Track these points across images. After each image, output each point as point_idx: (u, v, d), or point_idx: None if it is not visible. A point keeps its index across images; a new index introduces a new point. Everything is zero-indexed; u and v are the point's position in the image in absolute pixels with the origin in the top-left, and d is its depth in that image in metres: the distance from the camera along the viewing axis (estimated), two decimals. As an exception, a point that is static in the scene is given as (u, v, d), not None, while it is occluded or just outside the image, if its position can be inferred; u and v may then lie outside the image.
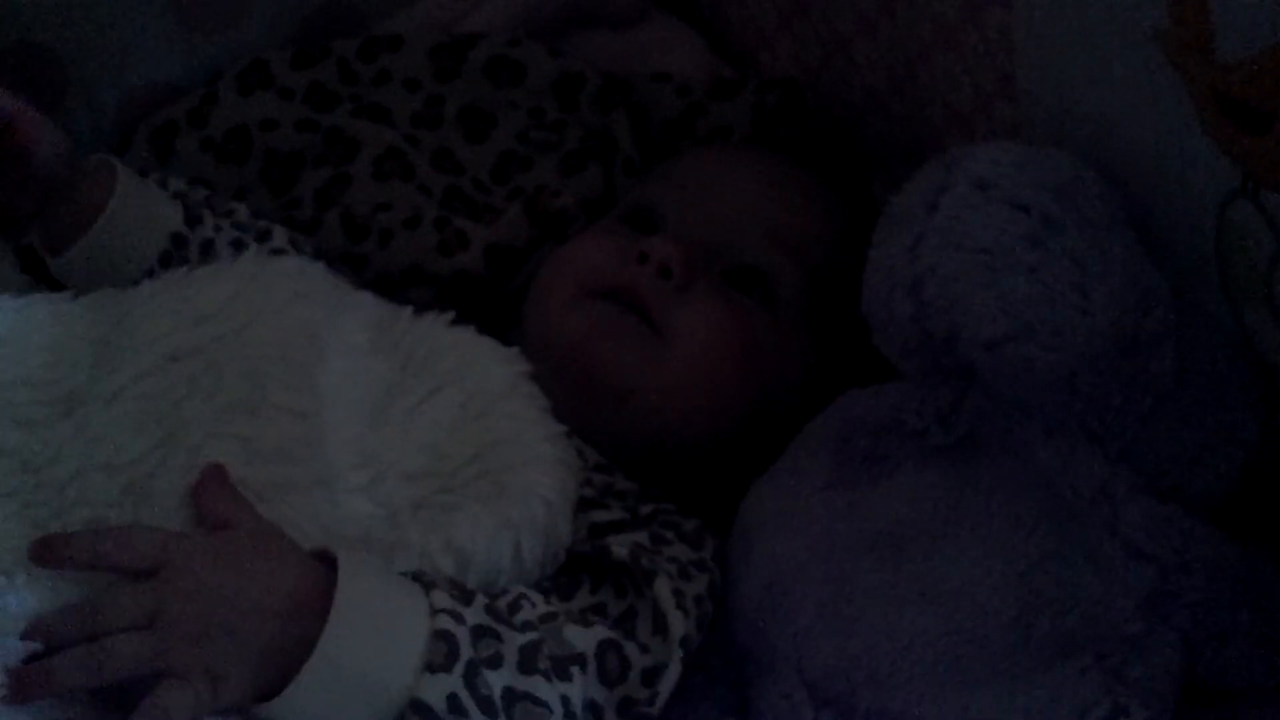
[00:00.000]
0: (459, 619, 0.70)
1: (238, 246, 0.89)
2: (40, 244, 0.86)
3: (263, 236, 0.93)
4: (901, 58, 0.92)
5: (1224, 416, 0.78)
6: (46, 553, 0.69)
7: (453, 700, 0.69)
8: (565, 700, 0.71)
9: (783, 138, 1.02)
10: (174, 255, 0.87)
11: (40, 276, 0.87)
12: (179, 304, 0.78)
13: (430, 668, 0.68)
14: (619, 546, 0.78)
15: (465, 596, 0.72)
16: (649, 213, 0.91)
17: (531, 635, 0.72)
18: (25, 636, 0.67)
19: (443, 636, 0.69)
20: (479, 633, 0.70)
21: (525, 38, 1.06)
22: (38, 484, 0.72)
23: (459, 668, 0.69)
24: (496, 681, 0.70)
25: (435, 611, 0.70)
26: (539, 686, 0.71)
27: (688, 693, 0.79)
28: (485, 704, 0.69)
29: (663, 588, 0.76)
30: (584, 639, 0.74)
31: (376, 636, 0.68)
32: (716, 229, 0.89)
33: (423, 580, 0.72)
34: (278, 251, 0.92)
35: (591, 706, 0.73)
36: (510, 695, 0.70)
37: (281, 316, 0.78)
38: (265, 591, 0.69)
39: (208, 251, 0.88)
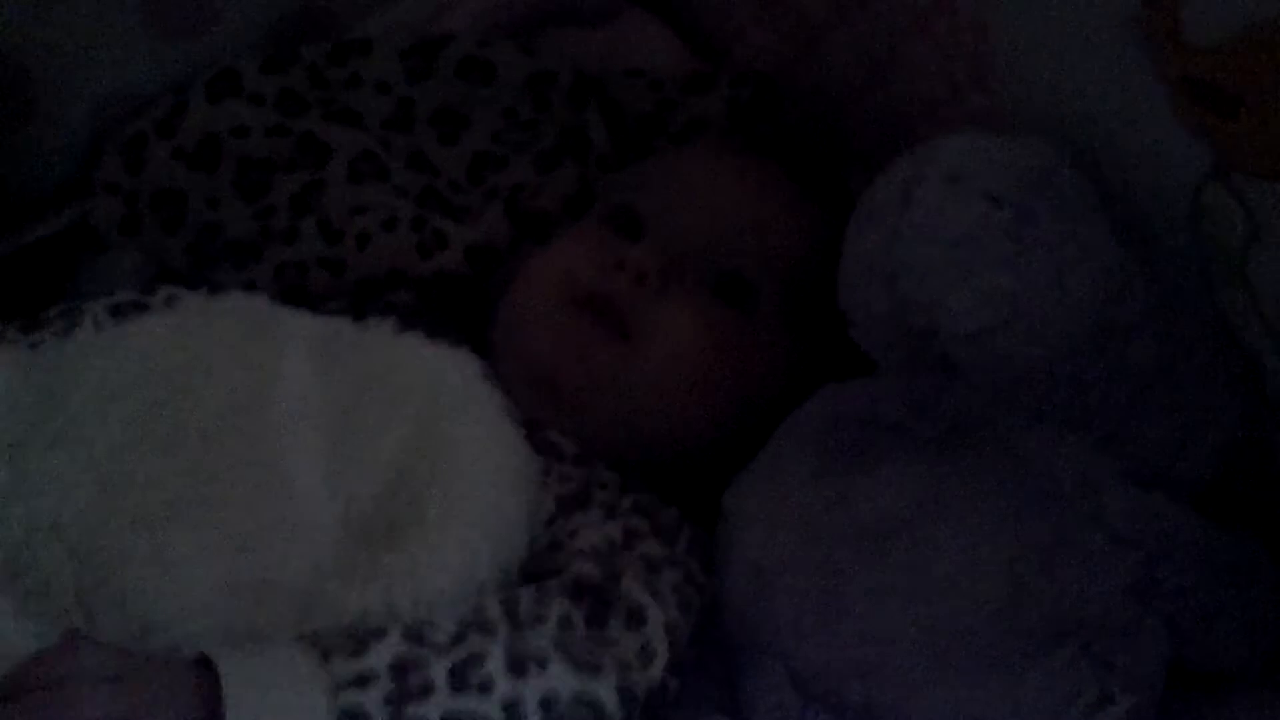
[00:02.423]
0: (365, 681, 0.68)
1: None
2: None
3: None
4: (874, 48, 0.92)
5: (1205, 401, 0.78)
6: None
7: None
8: (510, 706, 0.70)
9: (758, 132, 1.01)
10: None
11: None
12: (117, 341, 0.77)
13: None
14: (583, 560, 0.77)
15: (377, 633, 0.70)
16: (631, 215, 0.90)
17: (462, 652, 0.70)
18: None
19: (351, 713, 0.67)
20: (399, 670, 0.69)
21: (496, 37, 1.06)
22: None
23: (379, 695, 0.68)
24: (432, 713, 0.68)
25: (338, 690, 0.68)
26: (473, 702, 0.69)
27: (681, 691, 0.79)
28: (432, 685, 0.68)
29: (632, 582, 0.76)
30: (544, 638, 0.73)
31: None
32: (698, 236, 0.88)
33: (321, 646, 0.69)
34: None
35: (560, 699, 0.71)
36: (462, 666, 0.69)
37: (226, 357, 0.76)
38: None
39: None
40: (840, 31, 0.95)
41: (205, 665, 0.68)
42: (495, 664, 0.70)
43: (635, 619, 0.75)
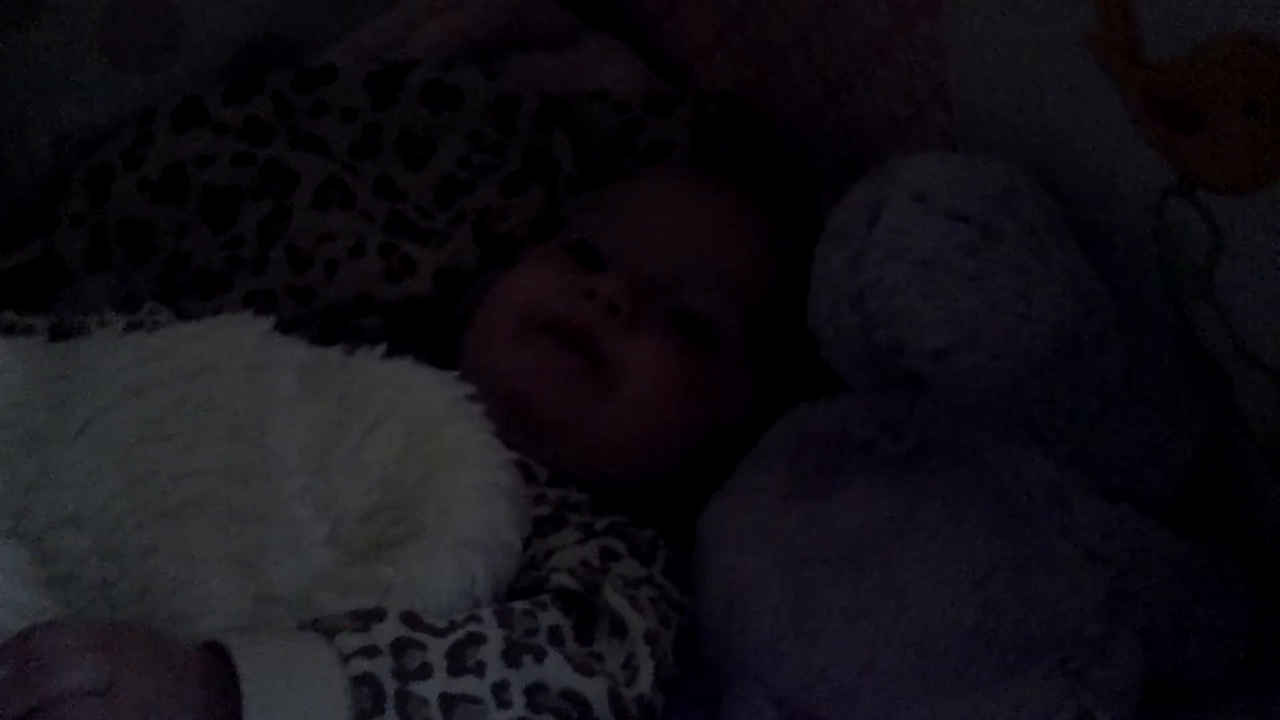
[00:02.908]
0: (372, 652, 0.68)
1: None
2: None
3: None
4: (836, 69, 0.92)
5: (1171, 414, 0.78)
6: None
7: (400, 698, 0.68)
8: (497, 688, 0.70)
9: (723, 153, 1.01)
10: None
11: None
12: (139, 342, 0.77)
13: (362, 716, 0.67)
14: (561, 574, 0.77)
15: (376, 614, 0.70)
16: (592, 248, 0.90)
17: (460, 634, 0.71)
18: None
19: (363, 680, 0.67)
20: (399, 647, 0.69)
21: (460, 62, 1.06)
22: (16, 535, 0.71)
23: (389, 703, 0.68)
24: (431, 693, 0.68)
25: (346, 659, 0.68)
26: (471, 684, 0.69)
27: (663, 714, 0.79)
28: (419, 702, 0.68)
29: (612, 594, 0.76)
30: (539, 640, 0.73)
31: (297, 713, 0.66)
32: (661, 270, 0.89)
33: (323, 628, 0.69)
34: None
35: (550, 690, 0.71)
36: (448, 701, 0.69)
37: (237, 367, 0.76)
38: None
39: None
40: (801, 52, 0.95)
41: (209, 646, 0.68)
42: (490, 652, 0.70)
43: (618, 630, 0.75)
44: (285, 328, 0.90)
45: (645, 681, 0.75)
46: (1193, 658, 0.79)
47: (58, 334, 0.84)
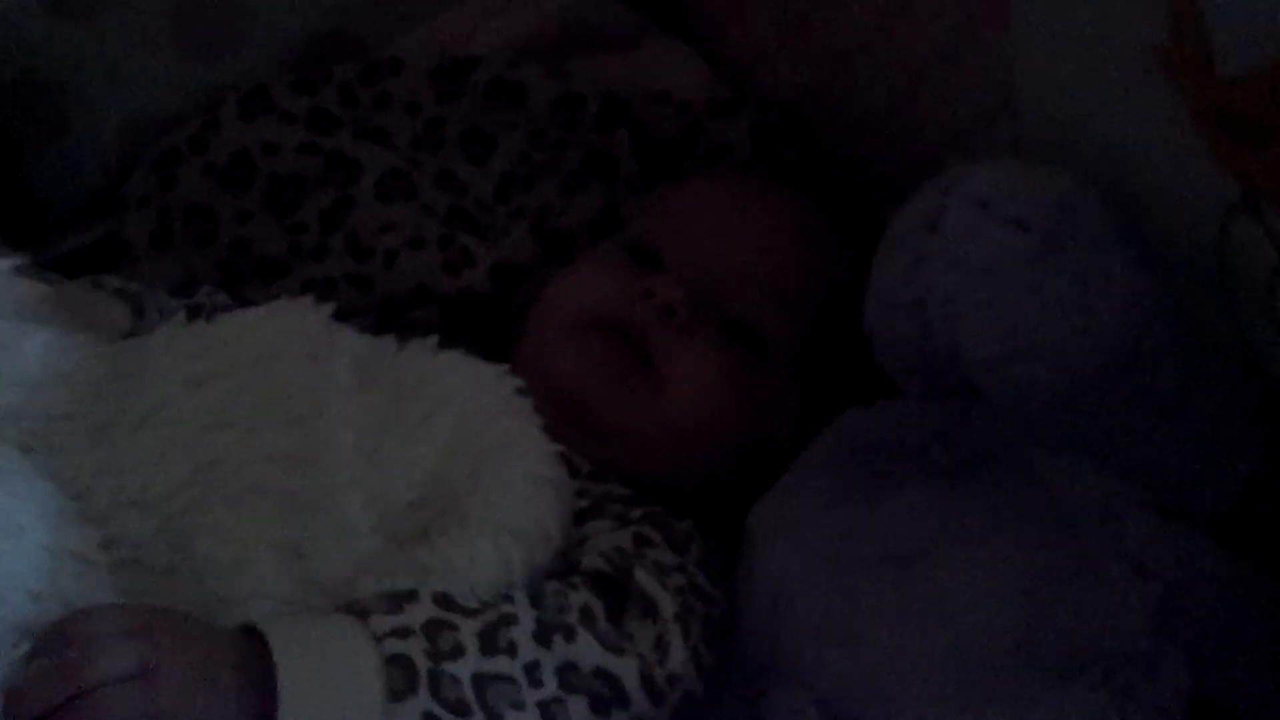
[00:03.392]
0: (405, 633, 0.69)
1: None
2: None
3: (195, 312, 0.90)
4: (900, 76, 0.92)
5: (1228, 432, 0.78)
6: None
7: (428, 717, 0.68)
8: (530, 668, 0.71)
9: (785, 159, 1.02)
10: None
11: None
12: (200, 333, 0.79)
13: (395, 696, 0.68)
14: (593, 556, 0.78)
15: (409, 596, 0.71)
16: (651, 249, 0.91)
17: (491, 616, 0.71)
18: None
19: (395, 661, 0.68)
20: (432, 628, 0.70)
21: (525, 60, 1.06)
22: (83, 518, 0.72)
23: (422, 683, 0.68)
24: (464, 673, 0.69)
25: (379, 639, 0.69)
26: (503, 664, 0.70)
27: (701, 707, 0.79)
28: (459, 706, 0.69)
29: (643, 575, 0.77)
30: (571, 618, 0.74)
31: (331, 694, 0.67)
32: (717, 277, 0.89)
33: (356, 609, 0.70)
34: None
35: (581, 669, 0.72)
36: (479, 680, 0.69)
37: (296, 355, 0.77)
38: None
39: None
40: (866, 59, 0.96)
41: (245, 630, 0.69)
42: (522, 631, 0.71)
43: (649, 612, 0.76)
44: (342, 316, 0.91)
45: (677, 659, 0.75)
46: (1239, 679, 0.78)
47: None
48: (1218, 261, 0.75)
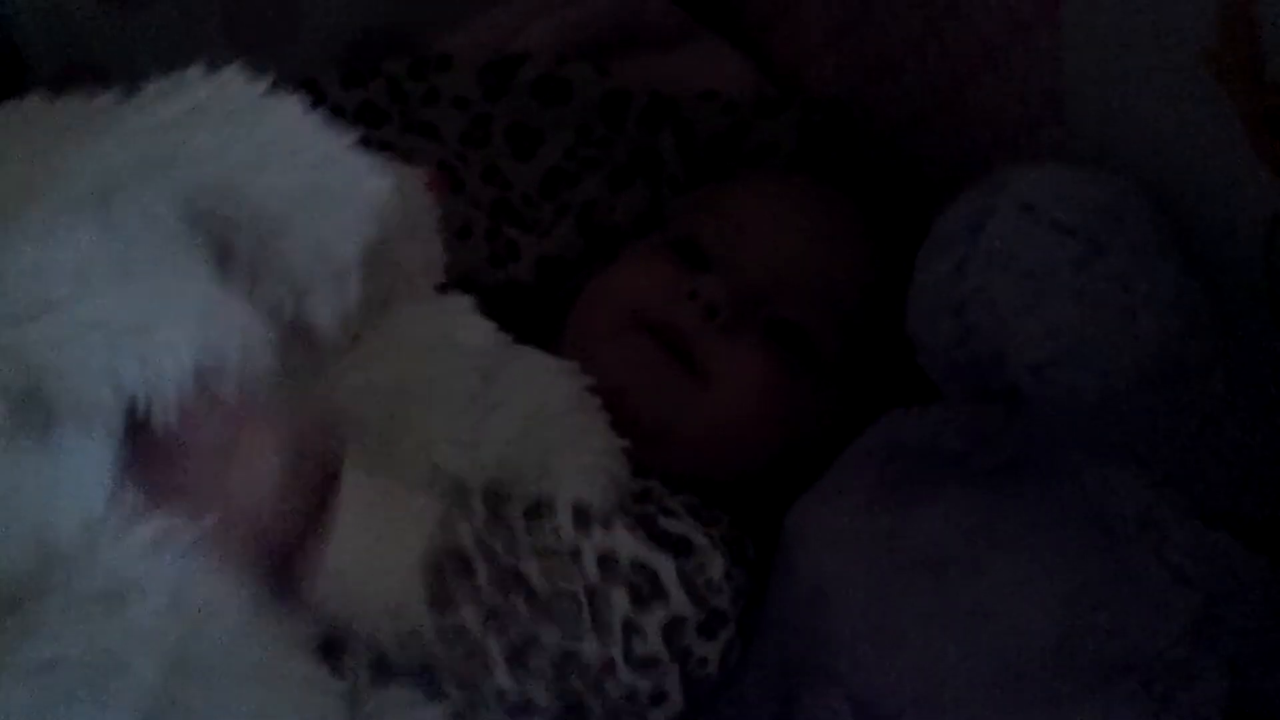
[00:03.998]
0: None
1: None
2: None
3: None
4: (948, 79, 0.92)
5: (1272, 440, 0.77)
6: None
7: (479, 542, 0.73)
8: (573, 555, 0.74)
9: (830, 159, 1.02)
10: None
11: None
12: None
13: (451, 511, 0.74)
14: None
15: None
16: (695, 248, 0.90)
17: (532, 499, 0.76)
18: None
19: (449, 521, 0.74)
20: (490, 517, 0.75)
21: (572, 57, 1.07)
22: None
23: (481, 511, 0.74)
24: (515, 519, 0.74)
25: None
26: (550, 539, 0.74)
27: (737, 703, 0.80)
28: (511, 538, 0.73)
29: (669, 522, 0.79)
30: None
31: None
32: (764, 277, 0.88)
33: None
34: None
35: (619, 559, 0.75)
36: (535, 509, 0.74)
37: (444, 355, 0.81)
38: None
39: None
40: (914, 59, 0.95)
41: None
42: (562, 519, 0.75)
43: (681, 546, 0.77)
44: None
45: (716, 570, 0.77)
46: (1278, 687, 0.78)
47: None
48: (1265, 267, 0.74)
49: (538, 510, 0.75)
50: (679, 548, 0.77)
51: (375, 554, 0.72)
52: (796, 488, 0.84)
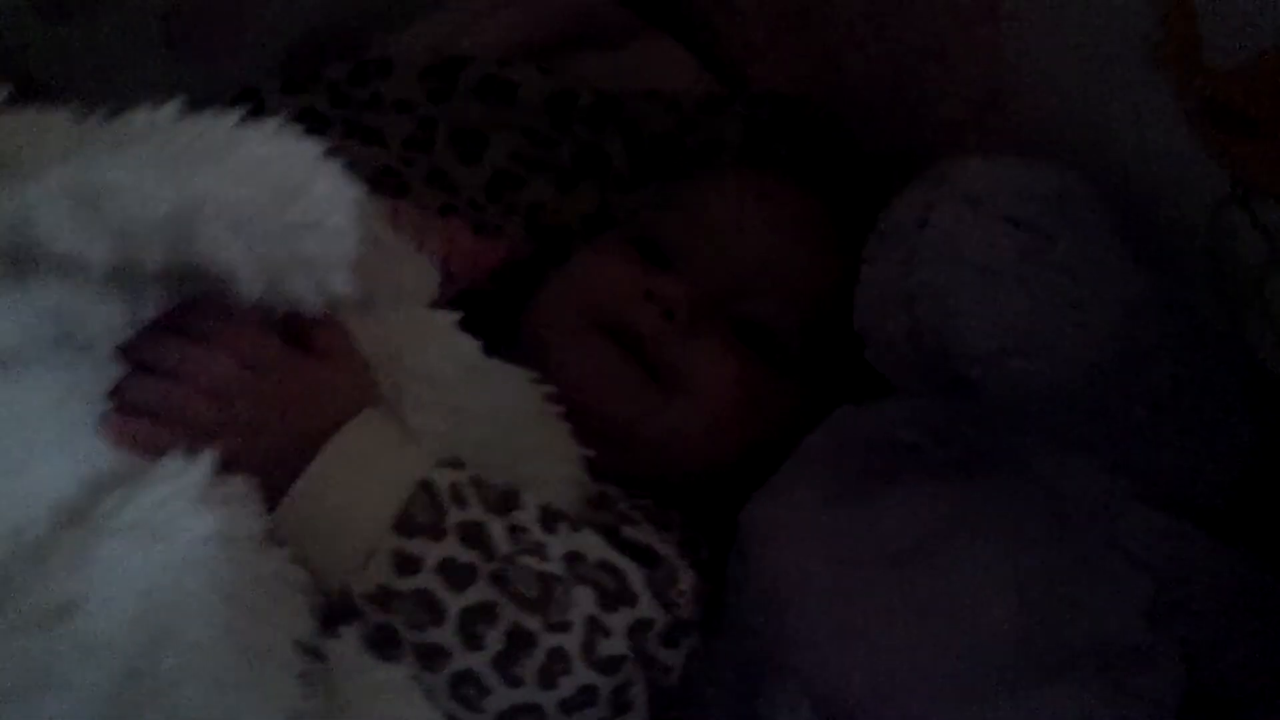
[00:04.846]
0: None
1: None
2: None
3: None
4: (892, 72, 0.92)
5: (1221, 425, 0.78)
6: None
7: (455, 489, 0.72)
8: (536, 547, 0.74)
9: (776, 153, 1.01)
10: None
11: None
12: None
13: (441, 464, 0.74)
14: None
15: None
16: (657, 244, 0.90)
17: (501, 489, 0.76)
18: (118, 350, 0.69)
19: (428, 487, 0.73)
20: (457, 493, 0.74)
21: (515, 58, 1.06)
22: None
23: (465, 475, 0.73)
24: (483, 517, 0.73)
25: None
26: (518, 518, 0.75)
27: (696, 703, 0.79)
28: (487, 501, 0.73)
29: (631, 531, 0.78)
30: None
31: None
32: (726, 276, 0.88)
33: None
34: None
35: (587, 560, 0.75)
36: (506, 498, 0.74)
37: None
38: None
39: None
40: (857, 55, 0.96)
41: None
42: (528, 518, 0.74)
43: (645, 556, 0.77)
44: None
45: (686, 580, 0.77)
46: (1234, 672, 0.78)
47: None
48: (1209, 254, 0.74)
49: (508, 502, 0.75)
50: (645, 558, 0.77)
51: (353, 487, 0.72)
52: (752, 485, 0.84)
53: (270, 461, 0.72)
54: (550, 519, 0.74)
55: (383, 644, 0.71)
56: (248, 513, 0.70)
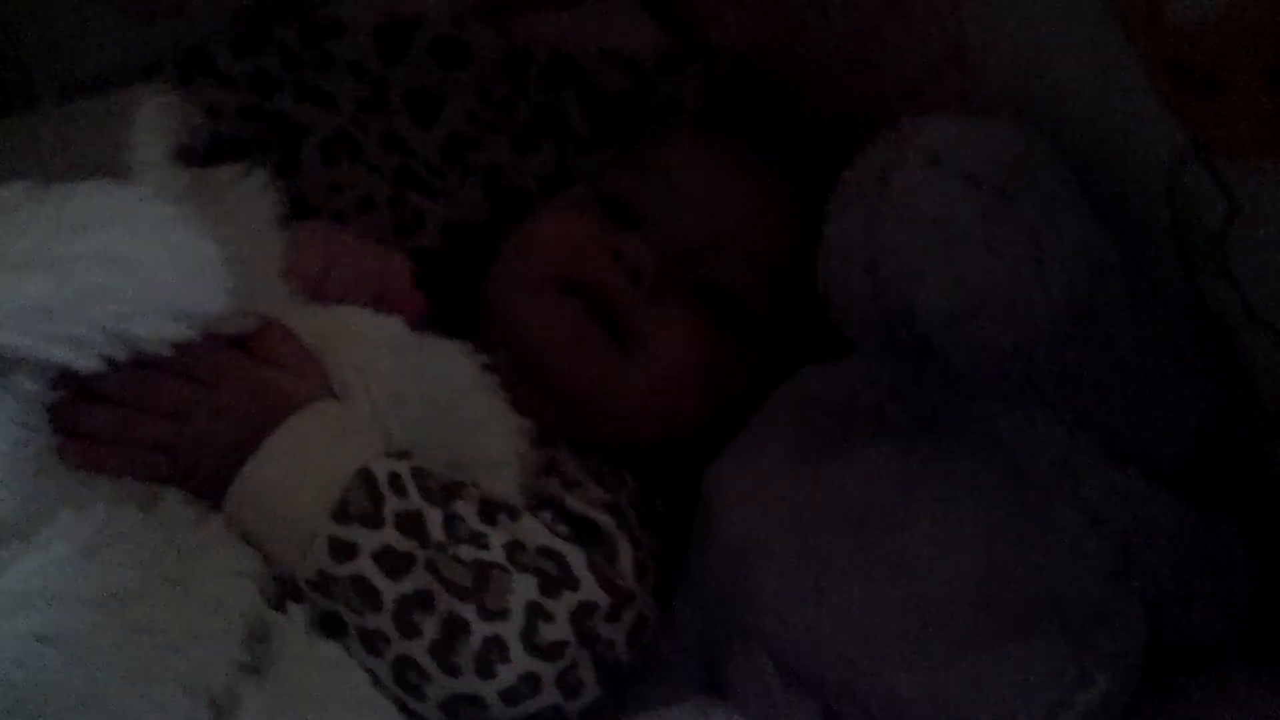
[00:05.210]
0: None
1: None
2: None
3: None
4: (851, 30, 0.92)
5: (1181, 383, 0.78)
6: None
7: (394, 478, 0.73)
8: (476, 536, 0.74)
9: (734, 113, 1.01)
10: None
11: None
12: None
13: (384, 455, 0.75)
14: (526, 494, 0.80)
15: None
16: (624, 204, 0.89)
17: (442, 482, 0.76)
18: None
19: (366, 477, 0.74)
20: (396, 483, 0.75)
21: (470, 18, 1.05)
22: None
23: (407, 466, 0.74)
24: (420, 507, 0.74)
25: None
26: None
27: (661, 668, 0.80)
28: (426, 491, 0.74)
29: (575, 502, 0.79)
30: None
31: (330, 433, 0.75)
32: (693, 239, 0.87)
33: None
34: None
35: (527, 548, 0.75)
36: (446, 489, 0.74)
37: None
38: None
39: None
40: (815, 13, 0.95)
41: None
42: (468, 510, 0.74)
43: (588, 529, 0.78)
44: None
45: (626, 557, 0.77)
46: (1195, 627, 0.79)
47: None
48: (1169, 212, 0.75)
49: (449, 493, 0.75)
50: (586, 531, 0.77)
51: (293, 476, 0.73)
52: (715, 447, 0.84)
53: (225, 464, 0.73)
54: (490, 510, 0.75)
55: (329, 627, 0.72)
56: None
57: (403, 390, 0.77)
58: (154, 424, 0.73)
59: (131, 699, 0.67)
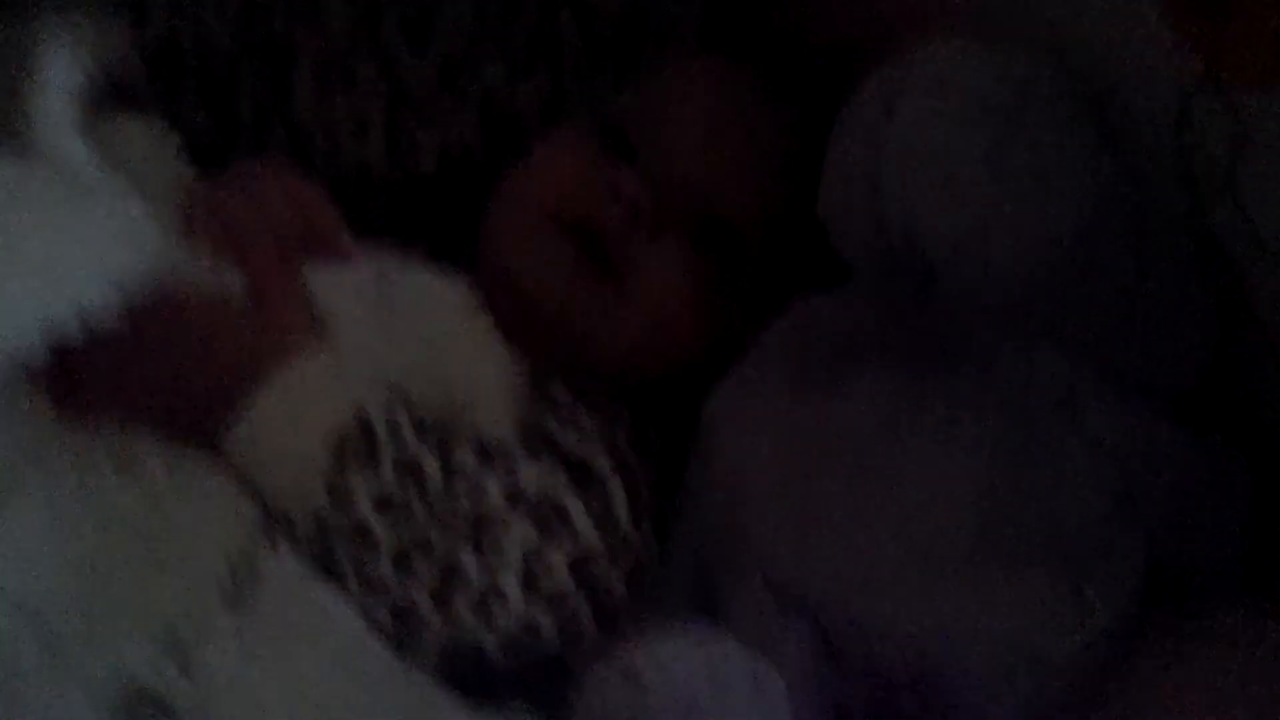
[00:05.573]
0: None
1: None
2: None
3: None
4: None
5: (1186, 313, 0.78)
6: None
7: (392, 425, 0.74)
8: (475, 491, 0.75)
9: (736, 37, 0.99)
10: None
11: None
12: None
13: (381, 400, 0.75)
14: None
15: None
16: (623, 139, 0.87)
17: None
18: None
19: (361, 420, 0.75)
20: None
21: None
22: None
23: (405, 411, 0.75)
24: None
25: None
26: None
27: (656, 606, 0.79)
28: (424, 438, 0.74)
29: (569, 444, 0.79)
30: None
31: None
32: (692, 172, 0.86)
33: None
34: None
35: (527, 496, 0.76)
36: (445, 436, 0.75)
37: None
38: None
39: None
40: (819, -66, 0.94)
41: None
42: (466, 453, 0.75)
43: (585, 473, 0.78)
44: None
45: (621, 504, 0.78)
46: (1196, 555, 0.79)
47: None
48: (1176, 141, 0.74)
49: (447, 440, 0.75)
50: (584, 476, 0.77)
51: (290, 421, 0.73)
52: (712, 378, 0.83)
53: (231, 382, 0.73)
54: (488, 456, 0.75)
55: (327, 570, 0.72)
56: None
57: (390, 334, 0.78)
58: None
59: (89, 657, 0.67)
